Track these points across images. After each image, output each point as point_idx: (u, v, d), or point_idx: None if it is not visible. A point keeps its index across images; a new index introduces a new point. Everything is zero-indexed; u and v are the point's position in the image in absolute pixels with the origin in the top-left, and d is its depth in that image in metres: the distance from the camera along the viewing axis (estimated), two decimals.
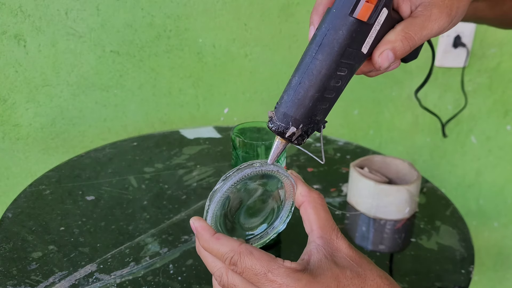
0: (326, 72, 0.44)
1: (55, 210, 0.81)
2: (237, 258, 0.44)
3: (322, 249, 0.46)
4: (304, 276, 0.43)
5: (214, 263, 0.46)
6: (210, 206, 0.47)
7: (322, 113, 0.46)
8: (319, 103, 0.45)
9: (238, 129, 0.72)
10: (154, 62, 1.15)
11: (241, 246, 0.44)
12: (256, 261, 0.43)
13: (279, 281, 0.43)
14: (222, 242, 0.45)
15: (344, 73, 0.46)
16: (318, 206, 0.48)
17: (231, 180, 0.46)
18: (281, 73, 1.23)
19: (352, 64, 0.46)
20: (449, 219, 0.86)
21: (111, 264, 0.70)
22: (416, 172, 0.85)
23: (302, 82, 0.45)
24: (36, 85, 1.10)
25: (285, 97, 0.46)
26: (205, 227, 0.46)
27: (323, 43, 0.44)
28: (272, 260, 0.44)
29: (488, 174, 1.44)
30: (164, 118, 1.21)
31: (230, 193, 0.47)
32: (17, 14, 1.05)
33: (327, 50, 0.44)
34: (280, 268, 0.43)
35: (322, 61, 0.44)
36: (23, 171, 1.16)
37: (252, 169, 0.47)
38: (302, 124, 0.45)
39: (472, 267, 0.74)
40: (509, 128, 1.39)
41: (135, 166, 0.94)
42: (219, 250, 0.45)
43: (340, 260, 0.46)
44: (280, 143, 0.47)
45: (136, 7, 1.10)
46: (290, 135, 0.45)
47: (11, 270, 0.68)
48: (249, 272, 0.43)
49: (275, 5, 1.16)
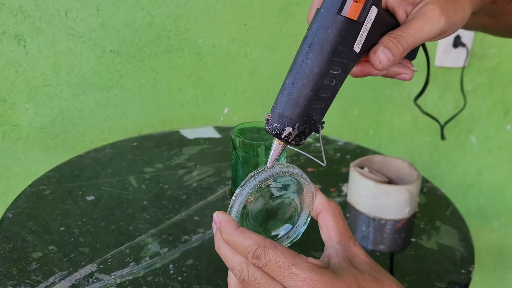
0: (319, 71, 0.45)
1: (55, 210, 0.81)
2: (261, 251, 0.43)
3: (341, 253, 0.47)
4: (327, 273, 0.44)
5: (234, 258, 0.45)
6: (236, 201, 0.47)
7: (319, 112, 0.47)
8: (313, 102, 0.46)
9: (238, 129, 0.72)
10: (154, 62, 1.15)
11: (266, 240, 0.44)
12: (280, 255, 0.43)
13: (303, 275, 0.43)
14: (246, 235, 0.45)
15: (337, 72, 0.46)
16: (337, 215, 0.49)
17: (260, 177, 0.46)
18: (281, 73, 1.23)
19: (345, 63, 0.46)
20: (449, 219, 0.86)
21: (111, 264, 0.70)
22: (416, 172, 0.85)
23: (295, 82, 0.45)
24: (36, 85, 1.10)
25: (279, 98, 0.46)
26: (230, 220, 0.46)
27: (313, 42, 0.45)
28: (296, 255, 0.44)
29: (488, 174, 1.44)
30: (164, 118, 1.21)
31: (255, 190, 0.47)
32: (17, 14, 1.05)
33: (318, 49, 0.45)
34: (304, 263, 0.43)
35: (313, 60, 0.45)
36: (23, 171, 1.16)
37: (280, 169, 0.47)
38: (298, 124, 0.45)
39: (472, 267, 0.74)
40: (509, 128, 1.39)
41: (135, 166, 0.94)
42: (243, 243, 0.44)
43: (359, 265, 0.46)
44: (278, 145, 0.47)
45: (136, 7, 1.10)
46: (287, 136, 0.45)
47: (11, 270, 0.68)
48: (273, 265, 0.43)
49: (275, 5, 1.16)
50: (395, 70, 0.55)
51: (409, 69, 0.55)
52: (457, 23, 0.52)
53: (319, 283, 0.43)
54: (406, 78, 0.55)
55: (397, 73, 0.55)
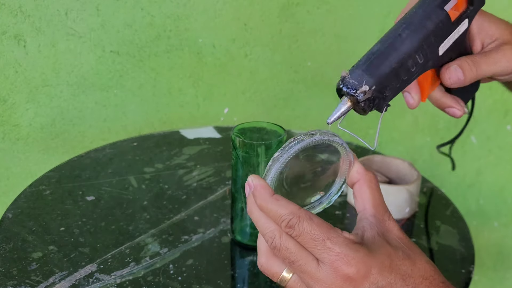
0: (408, 48, 0.46)
1: (55, 210, 0.81)
2: (295, 221, 0.43)
3: (375, 226, 0.46)
4: (362, 249, 0.43)
5: (267, 224, 0.44)
6: (273, 165, 0.45)
7: (392, 90, 0.47)
8: (394, 75, 0.46)
9: (238, 129, 0.72)
10: (154, 62, 1.15)
11: (301, 210, 0.43)
12: (315, 227, 0.43)
13: (337, 249, 0.42)
14: (281, 203, 0.44)
15: (420, 61, 0.47)
16: (374, 186, 0.48)
17: (301, 144, 0.45)
18: (281, 73, 1.23)
19: (427, 58, 0.48)
20: (449, 219, 0.86)
21: (111, 264, 0.70)
22: (416, 172, 0.85)
23: (383, 51, 0.46)
24: (36, 85, 1.10)
25: (363, 60, 0.47)
26: (265, 186, 0.45)
27: (412, 22, 0.47)
28: (331, 228, 0.43)
29: (488, 174, 1.44)
30: (164, 118, 1.21)
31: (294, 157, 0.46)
32: (17, 14, 1.05)
33: (414, 29, 0.47)
34: (339, 237, 0.43)
35: (406, 37, 0.47)
36: (23, 171, 1.16)
37: (321, 136, 0.46)
38: (375, 86, 0.45)
39: (472, 267, 0.74)
40: (509, 128, 1.39)
41: (135, 166, 0.94)
42: (277, 211, 0.43)
43: (392, 241, 0.46)
44: (345, 102, 0.47)
45: (136, 7, 1.10)
46: (362, 92, 0.45)
47: (11, 270, 0.68)
48: (307, 237, 0.42)
49: (275, 5, 1.16)
50: (448, 103, 0.57)
51: (461, 105, 0.58)
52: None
53: (353, 259, 0.42)
54: (456, 114, 0.57)
55: (449, 105, 0.57)
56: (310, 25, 1.20)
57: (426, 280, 0.45)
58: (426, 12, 0.48)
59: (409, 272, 0.44)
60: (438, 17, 0.48)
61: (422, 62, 0.48)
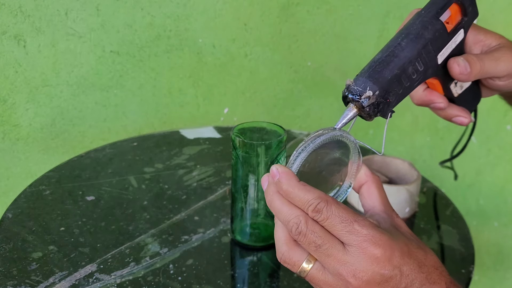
0: (408, 55, 0.49)
1: (55, 210, 0.81)
2: (323, 205, 0.44)
3: (388, 220, 0.49)
4: (385, 233, 0.45)
5: (291, 210, 0.45)
6: (299, 156, 0.47)
7: (395, 96, 0.49)
8: (396, 81, 0.49)
9: (238, 129, 0.72)
10: (154, 62, 1.15)
11: (328, 196, 0.45)
12: (343, 210, 0.44)
13: (365, 231, 0.44)
14: (308, 189, 0.45)
15: (420, 69, 0.51)
16: (381, 187, 0.51)
17: (323, 137, 0.47)
18: (281, 73, 1.23)
19: (427, 65, 0.51)
20: (449, 219, 0.86)
21: (111, 264, 0.70)
22: (416, 172, 0.85)
23: (385, 59, 0.49)
24: (36, 85, 1.10)
25: (366, 69, 0.49)
26: (291, 173, 0.46)
27: (410, 32, 0.50)
28: (357, 213, 0.45)
29: (488, 174, 1.44)
30: (164, 118, 1.21)
31: (315, 150, 0.47)
32: (17, 14, 1.05)
33: (412, 38, 0.50)
34: (366, 220, 0.45)
35: (406, 45, 0.50)
36: (23, 171, 1.16)
37: (342, 133, 0.48)
38: (379, 91, 0.48)
39: (472, 266, 0.74)
40: (509, 128, 1.39)
41: (135, 166, 0.94)
42: (305, 196, 0.44)
43: (405, 233, 0.49)
44: (351, 109, 0.49)
45: (136, 7, 1.10)
46: (366, 98, 0.48)
47: (11, 270, 0.68)
48: (336, 219, 0.44)
49: (275, 5, 1.16)
50: (455, 112, 0.61)
51: (467, 114, 0.61)
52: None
53: (380, 240, 0.44)
54: (464, 122, 0.60)
55: (456, 115, 0.61)
56: (310, 25, 1.20)
57: (436, 270, 0.47)
58: (423, 23, 0.51)
59: (423, 260, 0.47)
60: (434, 27, 0.51)
61: (423, 70, 0.51)
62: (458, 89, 0.62)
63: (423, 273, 0.46)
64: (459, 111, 0.61)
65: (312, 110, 1.28)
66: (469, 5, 0.54)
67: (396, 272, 0.45)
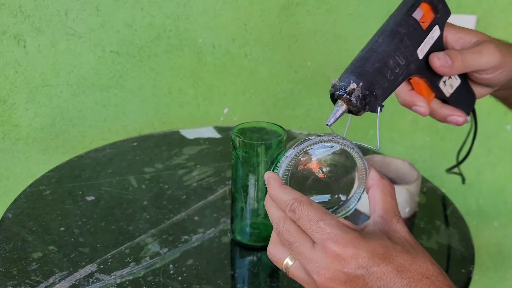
0: (386, 49, 0.51)
1: (55, 210, 0.81)
2: (296, 205, 0.47)
3: (379, 224, 0.48)
4: (352, 232, 0.45)
5: (275, 212, 0.49)
6: (284, 161, 0.50)
7: (381, 89, 0.51)
8: (378, 74, 0.50)
9: (238, 129, 0.72)
10: (154, 62, 1.15)
11: (303, 197, 0.47)
12: (312, 210, 0.46)
13: (328, 229, 0.45)
14: (287, 191, 0.48)
15: (401, 63, 0.52)
16: (387, 192, 0.50)
17: (307, 142, 0.49)
18: (281, 73, 1.23)
19: (409, 60, 0.53)
20: (449, 219, 0.86)
21: (111, 264, 0.70)
22: (416, 172, 0.85)
23: (364, 55, 0.51)
24: (36, 85, 1.10)
25: (348, 66, 0.51)
26: (276, 178, 0.50)
27: (385, 29, 0.53)
28: (327, 212, 0.47)
29: (488, 174, 1.44)
30: (164, 118, 1.21)
31: (303, 155, 0.50)
32: (17, 14, 1.05)
33: (388, 34, 0.52)
34: (332, 220, 0.46)
35: (382, 41, 0.52)
36: (23, 171, 1.16)
37: (330, 137, 0.49)
38: (362, 83, 0.49)
39: (472, 266, 0.74)
40: (509, 128, 1.39)
41: (135, 166, 0.94)
42: (283, 198, 0.48)
43: (394, 239, 0.47)
44: (340, 105, 0.51)
45: (136, 7, 1.10)
46: (351, 91, 0.49)
47: (11, 270, 0.68)
48: (304, 219, 0.46)
49: (275, 5, 1.16)
50: (448, 112, 0.61)
51: (462, 113, 0.61)
52: (509, 65, 0.59)
53: (341, 239, 0.44)
54: (459, 120, 0.61)
55: (450, 114, 0.61)
56: (310, 25, 1.20)
57: (427, 279, 0.45)
58: (396, 20, 0.53)
59: (407, 266, 0.45)
60: (407, 23, 0.53)
61: (404, 64, 0.52)
62: (449, 89, 0.61)
63: (404, 279, 0.44)
64: (453, 110, 0.61)
65: (312, 110, 1.28)
66: (438, 3, 0.56)
67: (362, 272, 0.44)
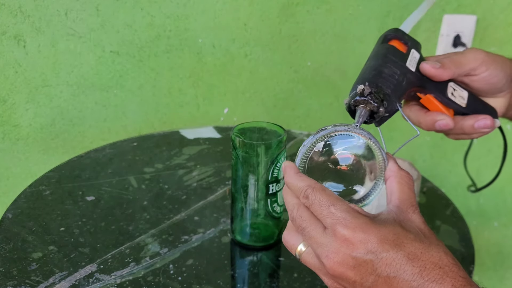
0: (375, 63, 0.56)
1: (55, 210, 0.81)
2: (310, 192, 0.48)
3: (393, 213, 0.48)
4: (362, 217, 0.46)
5: (290, 199, 0.50)
6: (300, 151, 0.51)
7: (390, 88, 0.55)
8: (378, 77, 0.54)
9: (238, 129, 0.72)
10: (154, 62, 1.15)
11: (317, 184, 0.48)
12: (325, 196, 0.47)
13: (338, 214, 0.46)
14: (302, 178, 0.49)
15: (397, 72, 0.56)
16: (404, 183, 0.50)
17: (324, 132, 0.50)
18: (281, 73, 1.23)
19: (403, 71, 0.57)
20: (449, 219, 0.86)
21: (111, 264, 0.70)
22: (416, 172, 0.85)
23: (360, 75, 0.56)
24: (36, 85, 1.10)
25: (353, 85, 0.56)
26: (292, 166, 0.51)
27: (370, 56, 0.59)
28: (339, 198, 0.48)
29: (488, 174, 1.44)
30: (164, 118, 1.21)
31: (320, 144, 0.51)
32: (17, 14, 1.05)
33: (373, 55, 0.59)
34: (343, 205, 0.47)
35: (370, 61, 0.58)
36: (23, 171, 1.16)
37: (347, 127, 0.50)
38: (368, 82, 0.53)
39: (472, 266, 0.74)
40: (509, 128, 1.39)
41: (135, 166, 0.94)
42: (297, 185, 0.49)
43: (408, 227, 0.47)
44: (360, 109, 0.53)
45: (136, 7, 1.10)
46: (361, 91, 0.53)
47: (11, 270, 0.68)
48: (316, 204, 0.47)
49: (275, 5, 1.16)
50: (471, 122, 0.65)
51: (486, 115, 0.65)
52: (498, 62, 0.62)
53: (350, 223, 0.45)
54: (487, 124, 0.66)
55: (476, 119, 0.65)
56: (310, 25, 1.20)
57: (440, 268, 0.45)
58: (377, 49, 0.60)
59: (418, 254, 0.45)
60: (385, 46, 0.60)
61: (400, 73, 0.57)
62: (461, 100, 0.63)
63: (415, 267, 0.44)
64: (476, 117, 0.64)
65: (312, 110, 1.28)
66: (403, 36, 0.62)
67: (371, 257, 0.44)
